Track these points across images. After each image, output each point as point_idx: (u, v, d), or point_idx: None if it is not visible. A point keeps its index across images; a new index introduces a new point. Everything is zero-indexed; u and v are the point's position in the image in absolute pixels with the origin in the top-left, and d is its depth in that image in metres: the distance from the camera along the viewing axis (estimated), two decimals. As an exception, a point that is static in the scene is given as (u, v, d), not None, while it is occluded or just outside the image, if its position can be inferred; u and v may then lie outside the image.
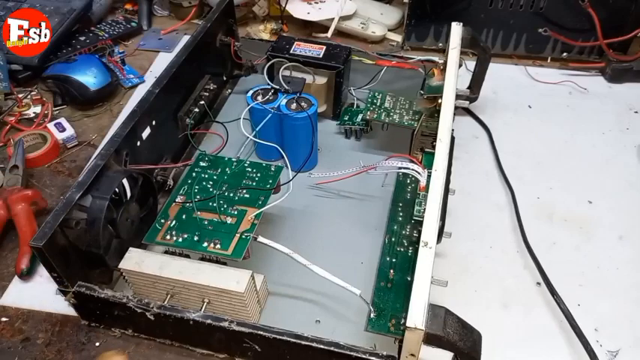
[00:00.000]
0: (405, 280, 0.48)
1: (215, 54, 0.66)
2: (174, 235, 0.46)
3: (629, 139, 0.67)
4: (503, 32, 0.77)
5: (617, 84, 0.75)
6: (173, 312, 0.41)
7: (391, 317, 0.45)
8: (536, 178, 0.61)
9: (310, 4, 0.83)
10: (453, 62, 0.55)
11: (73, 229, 0.41)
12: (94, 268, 0.45)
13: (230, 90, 0.71)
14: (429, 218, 0.41)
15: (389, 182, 0.58)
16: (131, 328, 0.46)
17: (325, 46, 0.63)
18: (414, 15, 0.77)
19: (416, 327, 0.34)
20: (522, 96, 0.73)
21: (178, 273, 0.42)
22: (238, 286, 0.41)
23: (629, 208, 0.58)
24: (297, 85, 0.57)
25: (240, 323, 0.40)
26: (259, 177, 0.51)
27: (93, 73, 0.69)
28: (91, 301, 0.43)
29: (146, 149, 0.52)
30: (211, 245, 0.45)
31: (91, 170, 0.44)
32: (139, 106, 0.51)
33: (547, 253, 0.52)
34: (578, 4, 0.71)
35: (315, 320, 0.47)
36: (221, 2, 0.66)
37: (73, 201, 0.41)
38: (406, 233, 0.53)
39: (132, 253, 0.44)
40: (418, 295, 0.35)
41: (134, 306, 0.41)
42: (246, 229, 0.46)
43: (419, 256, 0.38)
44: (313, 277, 0.43)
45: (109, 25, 0.82)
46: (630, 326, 0.48)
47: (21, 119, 0.68)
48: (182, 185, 0.51)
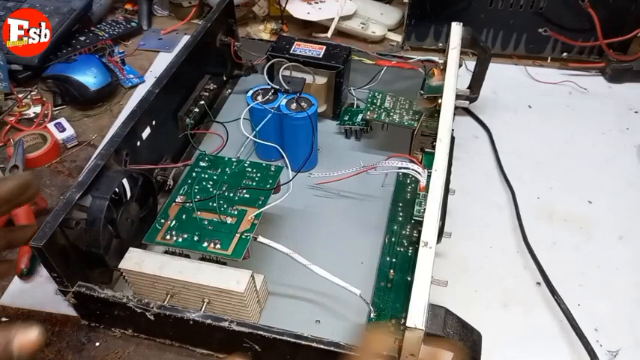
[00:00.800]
0: (405, 280, 0.48)
1: (215, 54, 0.66)
2: (174, 235, 0.46)
3: (629, 139, 0.67)
4: (503, 32, 0.77)
5: (617, 84, 0.75)
6: (173, 312, 0.41)
7: (391, 317, 0.45)
8: (536, 178, 0.61)
9: (310, 4, 0.83)
10: (453, 62, 0.55)
11: (73, 229, 0.41)
12: (93, 268, 0.45)
13: (230, 90, 0.71)
14: (429, 218, 0.41)
15: (389, 182, 0.58)
16: (131, 328, 0.46)
17: (325, 46, 0.63)
18: (414, 15, 0.77)
19: (416, 327, 0.34)
20: (522, 96, 0.73)
21: (178, 273, 0.42)
22: (238, 286, 0.41)
23: (629, 208, 0.58)
24: (297, 85, 0.57)
25: (240, 323, 0.40)
26: (259, 177, 0.51)
27: (93, 73, 0.69)
28: (91, 301, 0.43)
29: (146, 149, 0.52)
30: (211, 245, 0.45)
31: (91, 170, 0.44)
32: (139, 106, 0.50)
33: (547, 253, 0.52)
34: (578, 4, 0.71)
35: (315, 320, 0.47)
36: (221, 2, 0.66)
37: (73, 201, 0.41)
38: (406, 233, 0.53)
39: (132, 253, 0.44)
40: (418, 295, 0.35)
41: (134, 306, 0.41)
42: (246, 229, 0.46)
43: (419, 256, 0.38)
44: (313, 277, 0.43)
45: (109, 25, 0.82)
46: (630, 326, 0.48)
47: (21, 119, 0.68)
48: (182, 185, 0.51)
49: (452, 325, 0.35)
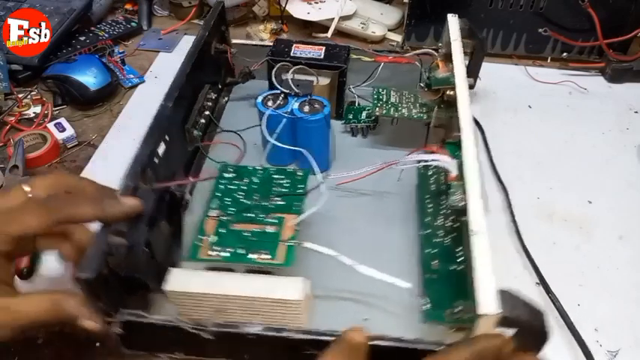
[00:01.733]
0: (449, 270, 0.47)
1: (212, 62, 0.65)
2: (217, 251, 0.45)
3: (629, 139, 0.67)
4: (503, 32, 0.77)
5: (617, 84, 0.75)
6: (231, 329, 0.38)
7: (445, 307, 0.44)
8: (536, 178, 0.61)
9: (310, 4, 0.83)
10: (457, 53, 0.56)
11: (114, 255, 0.39)
12: (132, 293, 0.42)
13: (226, 98, 0.70)
14: (473, 207, 0.41)
15: (404, 176, 0.58)
16: (181, 351, 0.42)
17: (324, 46, 0.63)
18: (414, 15, 0.77)
19: (489, 313, 0.34)
20: (522, 96, 0.73)
21: (228, 288, 0.41)
22: (295, 293, 0.41)
23: (629, 208, 0.58)
24: (306, 87, 0.57)
25: (304, 331, 0.38)
26: (289, 182, 0.51)
27: (93, 73, 0.69)
28: (140, 328, 0.40)
29: (162, 165, 0.50)
30: (259, 256, 0.45)
31: (123, 192, 0.41)
32: (156, 122, 0.49)
33: (547, 254, 0.52)
34: (578, 4, 0.71)
35: (362, 319, 0.46)
36: (215, 8, 0.65)
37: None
38: (439, 224, 0.52)
39: (174, 273, 0.42)
40: (484, 282, 0.35)
41: (190, 328, 0.38)
42: (290, 236, 0.46)
43: (473, 246, 0.37)
44: (351, 276, 0.42)
45: (109, 25, 0.82)
46: (630, 326, 0.48)
47: (21, 119, 0.68)
48: (212, 199, 0.50)
49: (520, 306, 0.35)
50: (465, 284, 0.43)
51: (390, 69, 0.66)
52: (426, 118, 0.59)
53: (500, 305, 0.34)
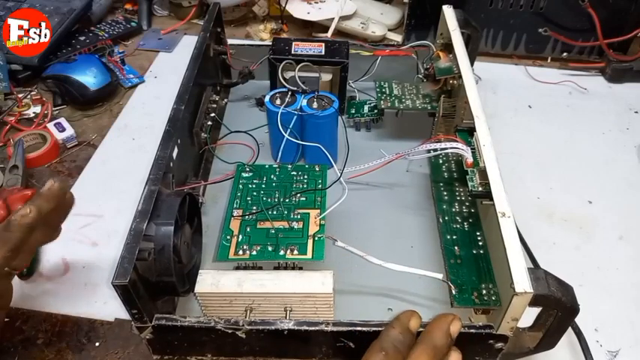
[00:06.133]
0: (472, 254, 0.48)
1: (211, 64, 0.65)
2: (246, 250, 0.46)
3: (629, 139, 0.67)
4: (503, 32, 0.77)
5: (617, 84, 0.75)
6: (266, 326, 0.39)
7: (472, 290, 0.45)
8: (536, 178, 0.61)
9: (310, 4, 0.83)
10: (458, 42, 0.57)
11: (146, 260, 0.39)
12: (160, 298, 0.43)
13: (226, 99, 0.69)
14: (497, 191, 0.41)
15: (411, 167, 0.59)
16: (211, 352, 0.43)
17: (323, 43, 0.63)
18: (414, 15, 0.77)
19: (525, 291, 0.35)
20: (522, 96, 0.73)
21: (260, 286, 0.42)
22: (325, 287, 0.41)
23: (629, 208, 0.58)
24: (313, 83, 0.57)
25: (337, 323, 0.39)
26: (308, 178, 0.52)
27: (93, 73, 0.69)
28: (171, 332, 0.40)
29: (176, 169, 0.50)
30: (289, 252, 0.45)
31: (148, 197, 0.41)
32: (171, 126, 0.49)
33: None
34: (578, 4, 0.71)
35: (387, 309, 0.47)
36: (212, 9, 0.65)
37: (141, 231, 0.39)
38: (456, 210, 0.52)
39: (203, 275, 0.43)
40: (516, 263, 0.36)
41: (224, 328, 0.39)
42: (316, 231, 0.47)
43: (502, 228, 0.38)
44: (371, 268, 0.42)
45: (109, 25, 0.82)
46: (630, 326, 0.48)
47: (21, 119, 0.68)
48: (233, 199, 0.50)
49: (553, 284, 0.36)
50: (489, 267, 0.45)
51: (388, 63, 0.66)
52: (430, 108, 0.60)
53: (535, 283, 0.35)
